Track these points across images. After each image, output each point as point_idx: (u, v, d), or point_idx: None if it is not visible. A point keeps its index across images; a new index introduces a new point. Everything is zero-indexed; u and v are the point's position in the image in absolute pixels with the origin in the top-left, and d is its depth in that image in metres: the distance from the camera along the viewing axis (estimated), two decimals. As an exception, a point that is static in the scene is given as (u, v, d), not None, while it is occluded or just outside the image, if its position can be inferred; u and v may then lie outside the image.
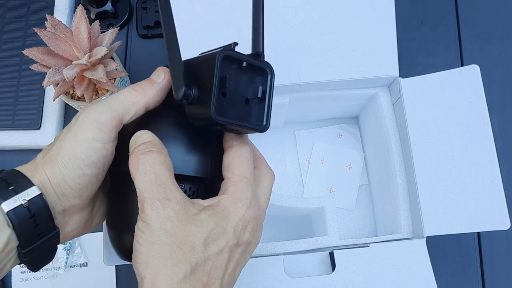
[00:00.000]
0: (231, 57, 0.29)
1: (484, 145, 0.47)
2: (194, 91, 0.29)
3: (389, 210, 0.53)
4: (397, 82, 0.50)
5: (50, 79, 0.51)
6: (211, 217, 0.28)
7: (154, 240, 0.27)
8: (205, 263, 0.28)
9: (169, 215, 0.27)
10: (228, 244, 0.29)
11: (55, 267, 0.58)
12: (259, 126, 0.30)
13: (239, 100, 0.30)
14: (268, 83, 0.31)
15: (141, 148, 0.29)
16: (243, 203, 0.30)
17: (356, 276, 0.45)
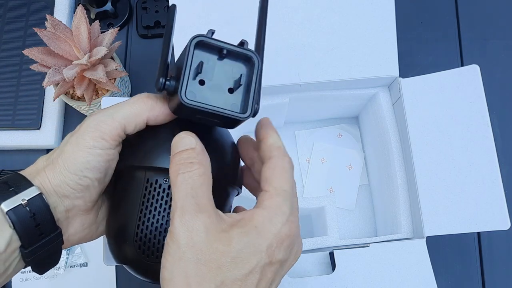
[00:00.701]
0: (207, 44, 0.28)
1: (484, 145, 0.47)
2: (172, 82, 0.29)
3: (389, 210, 0.53)
4: (397, 82, 0.50)
5: (50, 79, 0.51)
6: (242, 235, 0.27)
7: (179, 256, 0.26)
8: (232, 284, 0.26)
9: (197, 229, 0.26)
10: (259, 264, 0.27)
11: (55, 267, 0.58)
12: (243, 114, 0.29)
13: (221, 89, 0.29)
14: (254, 70, 0.29)
15: (184, 156, 0.28)
16: (279, 219, 0.28)
17: (356, 276, 0.45)
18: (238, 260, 0.26)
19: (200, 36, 0.28)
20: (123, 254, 0.31)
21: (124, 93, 0.61)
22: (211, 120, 0.29)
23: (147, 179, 0.30)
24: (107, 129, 0.30)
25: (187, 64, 0.28)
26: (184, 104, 0.27)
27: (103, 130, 0.30)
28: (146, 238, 0.30)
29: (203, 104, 0.28)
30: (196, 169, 0.28)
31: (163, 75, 0.29)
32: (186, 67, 0.28)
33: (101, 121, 0.30)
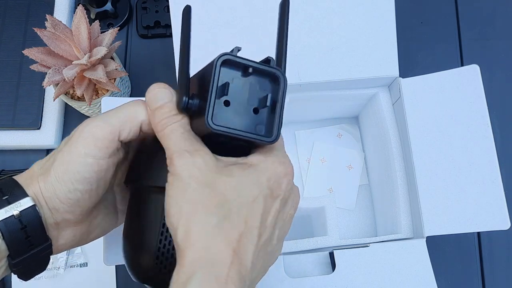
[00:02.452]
0: (232, 62, 0.27)
1: (484, 145, 0.47)
2: (196, 101, 0.28)
3: (389, 210, 0.53)
4: (397, 82, 0.50)
5: (50, 79, 0.51)
6: (240, 169, 0.28)
7: (184, 187, 0.26)
8: (239, 210, 0.26)
9: (198, 163, 0.27)
10: (262, 193, 0.27)
11: (55, 267, 0.58)
12: (267, 138, 0.28)
13: (245, 110, 0.28)
14: (280, 90, 0.28)
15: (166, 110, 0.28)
16: (272, 159, 0.29)
17: (356, 276, 0.45)
18: (241, 188, 0.27)
19: (227, 55, 0.27)
20: (146, 274, 0.31)
21: (124, 93, 0.61)
22: (235, 142, 0.29)
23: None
24: (100, 134, 0.29)
25: (213, 85, 0.26)
26: (211, 129, 0.26)
27: (96, 136, 0.29)
28: (168, 258, 0.30)
29: (230, 129, 0.27)
30: (182, 119, 0.28)
31: (186, 93, 0.28)
32: (213, 90, 0.26)
33: (94, 125, 0.30)
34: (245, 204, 0.27)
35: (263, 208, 0.27)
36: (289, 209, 0.30)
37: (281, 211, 0.29)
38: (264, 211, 0.28)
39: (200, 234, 0.25)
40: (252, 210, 0.27)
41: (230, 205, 0.26)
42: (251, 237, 0.27)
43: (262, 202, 0.27)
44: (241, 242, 0.26)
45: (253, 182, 0.27)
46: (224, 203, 0.26)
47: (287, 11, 0.30)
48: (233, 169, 0.28)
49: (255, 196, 0.27)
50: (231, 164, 0.28)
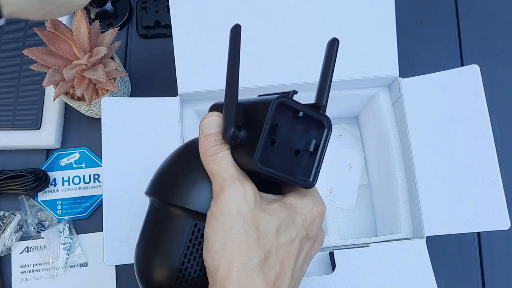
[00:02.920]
0: (286, 105, 0.28)
1: (484, 145, 0.47)
2: (243, 133, 0.28)
3: (389, 210, 0.53)
4: (397, 82, 0.50)
5: (50, 79, 0.51)
6: (281, 207, 0.29)
7: (232, 224, 0.27)
8: (277, 252, 0.28)
9: (248, 197, 0.27)
10: (299, 235, 0.29)
11: (55, 267, 0.58)
12: (305, 182, 0.29)
13: (288, 150, 0.29)
14: (323, 137, 0.29)
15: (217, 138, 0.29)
16: (309, 199, 0.30)
17: (356, 276, 0.45)
18: (281, 230, 0.28)
19: (284, 98, 0.27)
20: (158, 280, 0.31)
21: (124, 93, 0.61)
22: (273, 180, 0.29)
23: (195, 224, 0.30)
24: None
25: (267, 126, 0.27)
26: (257, 168, 0.27)
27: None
28: (188, 281, 0.30)
29: (273, 170, 0.28)
30: (228, 149, 0.29)
31: (234, 124, 0.28)
32: (265, 130, 0.27)
33: None
34: (283, 245, 0.28)
35: (298, 250, 0.29)
36: (317, 246, 0.32)
37: (310, 250, 0.31)
38: (298, 253, 0.29)
39: (241, 274, 0.26)
40: (289, 252, 0.28)
41: (270, 246, 0.27)
42: (285, 279, 0.28)
43: (298, 244, 0.29)
44: (277, 284, 0.27)
45: (291, 223, 0.29)
46: (265, 244, 0.27)
47: (336, 51, 0.31)
48: (275, 208, 0.29)
49: (293, 238, 0.29)
50: (272, 202, 0.29)
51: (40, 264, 0.58)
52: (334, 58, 0.30)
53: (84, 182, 0.61)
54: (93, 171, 0.62)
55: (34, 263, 0.58)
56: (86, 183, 0.61)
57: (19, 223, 0.59)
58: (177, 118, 0.48)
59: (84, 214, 0.60)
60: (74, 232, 0.59)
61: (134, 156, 0.47)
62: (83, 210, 0.60)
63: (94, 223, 0.60)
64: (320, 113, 0.29)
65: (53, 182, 0.61)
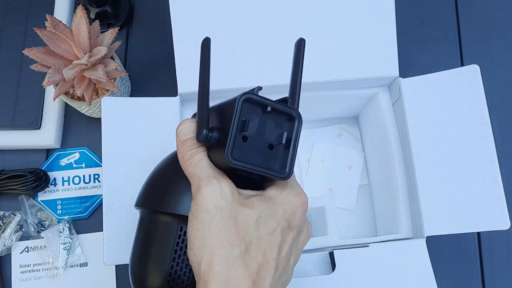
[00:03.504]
0: (253, 101, 0.29)
1: (484, 145, 0.47)
2: (215, 134, 0.29)
3: (389, 210, 0.53)
4: (397, 82, 0.50)
5: (50, 79, 0.51)
6: (260, 200, 0.29)
7: (210, 220, 0.28)
8: (259, 242, 0.28)
9: (224, 192, 0.28)
10: (280, 225, 0.29)
11: (55, 267, 0.58)
12: (281, 174, 0.30)
13: (262, 145, 0.29)
14: (294, 129, 0.30)
15: (193, 142, 0.30)
16: (288, 191, 0.31)
17: (356, 276, 0.45)
18: (261, 221, 0.29)
19: (249, 94, 0.28)
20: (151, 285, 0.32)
21: (124, 93, 0.61)
22: (250, 175, 0.30)
23: (181, 227, 0.31)
24: None
25: (235, 122, 0.28)
26: (230, 164, 0.28)
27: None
28: (178, 284, 0.31)
29: (247, 164, 0.28)
30: (204, 151, 0.30)
31: (206, 126, 0.29)
32: (234, 126, 0.28)
33: None
34: (264, 236, 0.28)
35: (280, 240, 0.29)
36: (303, 238, 0.32)
37: (296, 241, 0.31)
38: (281, 243, 0.29)
39: (222, 266, 0.27)
40: (271, 242, 0.29)
41: (251, 238, 0.28)
42: (269, 269, 0.28)
43: (280, 234, 0.29)
44: (260, 274, 0.28)
45: (272, 214, 0.29)
46: (245, 235, 0.28)
47: (302, 51, 0.32)
48: (254, 201, 0.29)
49: (274, 229, 0.29)
50: (250, 196, 0.30)
51: (40, 264, 0.58)
52: (302, 56, 0.32)
53: (84, 182, 0.61)
54: (93, 171, 0.62)
55: (34, 263, 0.58)
56: (86, 183, 0.61)
57: (19, 223, 0.59)
58: (177, 118, 0.48)
59: (84, 214, 0.60)
60: (74, 232, 0.59)
61: (134, 156, 0.47)
62: (83, 210, 0.60)
63: (94, 223, 0.60)
64: (288, 106, 0.30)
65: (53, 182, 0.61)
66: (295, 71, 0.32)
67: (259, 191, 0.31)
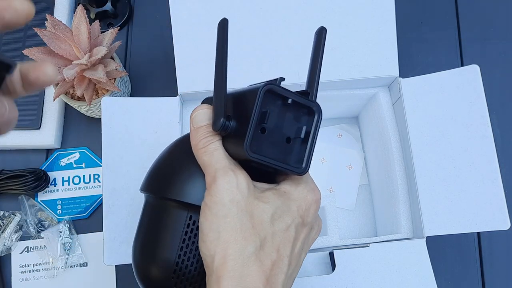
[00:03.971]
0: (274, 92, 0.28)
1: (484, 145, 0.47)
2: (232, 123, 0.28)
3: (389, 210, 0.53)
4: (397, 82, 0.50)
5: (50, 79, 0.51)
6: (276, 195, 0.29)
7: (225, 213, 0.27)
8: (273, 238, 0.28)
9: (241, 186, 0.27)
10: (294, 222, 0.29)
11: (55, 267, 0.58)
12: (297, 169, 0.29)
13: (279, 138, 0.29)
14: (313, 123, 0.29)
15: (208, 130, 0.29)
16: (303, 187, 0.30)
17: (356, 276, 0.45)
18: (276, 217, 0.28)
19: (271, 84, 0.27)
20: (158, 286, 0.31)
21: (124, 93, 0.61)
22: (266, 168, 0.29)
23: (190, 216, 0.30)
24: None
25: (255, 114, 0.27)
26: (247, 157, 0.27)
27: None
28: (185, 274, 0.30)
29: (265, 158, 0.28)
30: (219, 140, 0.29)
31: (224, 114, 0.28)
32: (254, 118, 0.27)
33: None
34: (278, 232, 0.28)
35: (294, 237, 0.29)
36: (314, 234, 0.32)
37: (308, 237, 0.31)
38: (295, 239, 0.29)
39: (237, 262, 0.26)
40: (285, 239, 0.28)
41: (265, 233, 0.27)
42: (282, 266, 0.28)
43: (294, 230, 0.29)
44: (273, 271, 0.27)
45: (286, 210, 0.29)
46: (260, 231, 0.27)
47: (323, 40, 0.31)
48: (269, 196, 0.29)
49: (288, 225, 0.28)
50: (266, 190, 0.29)
51: (40, 264, 0.58)
52: (322, 46, 0.31)
53: (84, 182, 0.61)
54: (93, 171, 0.62)
55: (34, 263, 0.58)
56: (86, 183, 0.61)
57: (19, 223, 0.59)
58: (177, 118, 0.48)
59: (84, 214, 0.60)
60: (74, 232, 0.59)
61: (134, 156, 0.47)
62: (83, 210, 0.60)
63: (94, 223, 0.60)
64: (309, 99, 0.29)
65: (53, 182, 0.61)
66: (314, 62, 0.31)
67: (273, 185, 0.30)
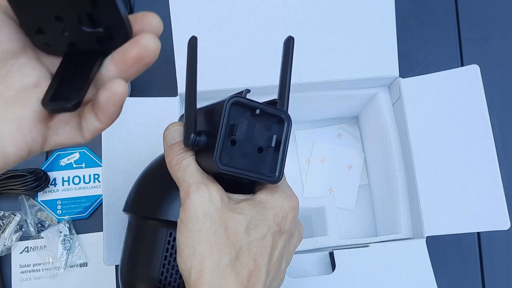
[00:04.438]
0: (241, 104, 0.28)
1: (484, 145, 0.47)
2: (203, 138, 0.28)
3: (389, 210, 0.53)
4: (397, 82, 0.50)
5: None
6: (250, 205, 0.29)
7: (199, 227, 0.27)
8: (249, 249, 0.28)
9: (214, 199, 0.28)
10: (270, 230, 0.29)
11: (55, 267, 0.58)
12: (271, 178, 0.29)
13: (251, 148, 0.29)
14: (283, 131, 0.29)
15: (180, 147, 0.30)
16: (279, 195, 0.30)
17: (356, 276, 0.45)
18: (251, 227, 0.28)
19: (236, 97, 0.28)
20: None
21: (124, 93, 0.61)
22: (240, 180, 0.29)
23: (170, 233, 0.31)
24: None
25: (223, 127, 0.27)
26: (218, 170, 0.27)
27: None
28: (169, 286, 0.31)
29: (236, 169, 0.28)
30: (192, 154, 0.30)
31: (194, 131, 0.28)
32: (222, 131, 0.27)
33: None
34: (254, 242, 0.28)
35: (271, 245, 0.29)
36: (295, 241, 0.32)
37: (287, 244, 0.31)
38: (272, 248, 0.29)
39: (213, 274, 0.26)
40: (261, 248, 0.28)
41: (241, 244, 0.28)
42: (259, 275, 0.28)
43: (270, 239, 0.29)
44: (251, 281, 0.27)
45: (262, 219, 0.29)
46: (235, 242, 0.27)
47: (291, 50, 0.31)
48: (244, 207, 0.29)
49: (264, 234, 0.29)
50: (240, 201, 0.29)
51: (40, 264, 0.58)
52: (291, 55, 0.31)
53: (84, 182, 0.61)
54: (93, 171, 0.62)
55: (34, 263, 0.58)
56: (86, 183, 0.61)
57: (19, 223, 0.59)
58: (177, 118, 0.48)
59: (84, 214, 0.60)
60: (74, 232, 0.59)
61: (134, 156, 0.47)
62: (83, 210, 0.60)
63: (94, 223, 0.60)
64: (277, 108, 0.29)
65: (53, 182, 0.61)
66: (283, 72, 0.31)
67: (249, 195, 0.31)
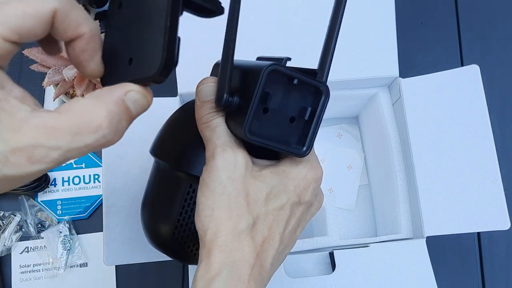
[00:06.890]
0: (280, 72, 0.27)
1: (484, 145, 0.47)
2: (236, 99, 0.27)
3: (389, 210, 0.53)
4: (397, 82, 0.50)
5: (50, 79, 0.51)
6: (273, 174, 0.29)
7: (221, 191, 0.27)
8: (266, 217, 0.28)
9: (238, 164, 0.28)
10: (290, 201, 0.29)
11: (55, 267, 0.58)
12: (298, 150, 0.28)
13: (282, 118, 0.28)
14: (320, 104, 0.28)
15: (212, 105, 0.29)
16: (303, 165, 0.30)
17: (356, 276, 0.45)
18: (271, 196, 0.28)
19: (276, 65, 0.27)
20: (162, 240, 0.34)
21: (124, 93, 0.61)
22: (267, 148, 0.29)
23: (190, 184, 0.32)
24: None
25: (257, 97, 0.26)
26: (246, 139, 0.27)
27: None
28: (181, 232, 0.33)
29: (264, 140, 0.27)
30: (222, 116, 0.29)
31: (227, 90, 0.27)
32: (255, 101, 0.26)
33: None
34: (272, 211, 0.28)
35: (288, 215, 0.29)
36: (313, 209, 0.32)
37: (305, 214, 0.31)
38: (289, 217, 0.29)
39: (228, 237, 0.27)
40: (278, 217, 0.29)
41: (258, 212, 0.28)
42: (273, 242, 0.28)
43: (288, 209, 0.29)
44: (264, 247, 0.28)
45: (282, 190, 0.29)
46: (254, 209, 0.28)
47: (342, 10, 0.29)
48: (266, 174, 0.29)
49: (283, 204, 0.29)
50: (264, 168, 0.29)
51: (40, 264, 0.58)
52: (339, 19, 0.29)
53: (84, 182, 0.61)
54: (93, 171, 0.62)
55: (34, 263, 0.58)
56: (86, 183, 0.61)
57: (19, 223, 0.59)
58: (177, 118, 0.48)
59: (84, 214, 0.60)
60: (74, 232, 0.59)
61: (134, 156, 0.47)
62: (83, 210, 0.60)
63: (94, 223, 0.60)
64: (316, 80, 0.28)
65: (53, 182, 0.61)
66: (328, 38, 0.29)
67: (274, 161, 0.30)
